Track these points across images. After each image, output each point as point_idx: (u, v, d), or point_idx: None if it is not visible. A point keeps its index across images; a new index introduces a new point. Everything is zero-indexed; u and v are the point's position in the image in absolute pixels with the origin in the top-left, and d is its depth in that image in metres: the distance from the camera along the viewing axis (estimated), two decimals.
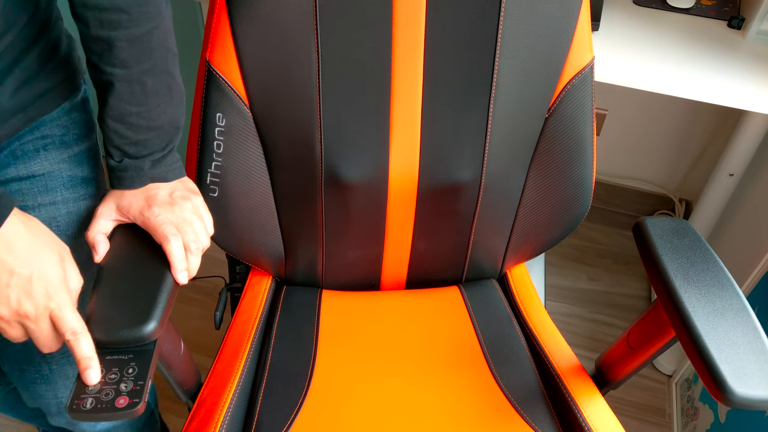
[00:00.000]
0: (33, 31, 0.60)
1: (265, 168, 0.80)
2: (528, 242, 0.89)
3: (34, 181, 0.65)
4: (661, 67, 0.96)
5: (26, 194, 0.65)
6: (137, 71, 0.59)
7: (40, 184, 0.66)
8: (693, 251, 0.65)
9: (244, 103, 0.74)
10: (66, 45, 0.66)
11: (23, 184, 0.65)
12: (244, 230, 0.83)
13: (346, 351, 0.82)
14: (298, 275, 0.91)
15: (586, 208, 0.84)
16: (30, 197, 0.66)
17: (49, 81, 0.63)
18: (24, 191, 0.65)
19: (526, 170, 0.82)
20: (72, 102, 0.67)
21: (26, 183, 0.65)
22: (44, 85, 0.63)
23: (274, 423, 0.72)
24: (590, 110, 0.78)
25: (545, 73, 0.76)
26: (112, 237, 0.63)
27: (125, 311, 0.56)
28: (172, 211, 0.62)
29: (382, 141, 0.78)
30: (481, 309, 0.89)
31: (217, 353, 0.81)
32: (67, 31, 0.68)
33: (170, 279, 0.60)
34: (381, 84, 0.75)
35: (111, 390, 0.52)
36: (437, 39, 0.73)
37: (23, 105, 0.61)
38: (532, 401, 0.75)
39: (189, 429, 0.69)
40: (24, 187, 0.65)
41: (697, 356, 0.56)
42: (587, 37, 0.75)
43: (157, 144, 0.64)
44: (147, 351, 0.55)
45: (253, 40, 0.71)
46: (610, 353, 0.76)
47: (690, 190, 1.66)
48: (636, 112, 1.55)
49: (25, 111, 0.62)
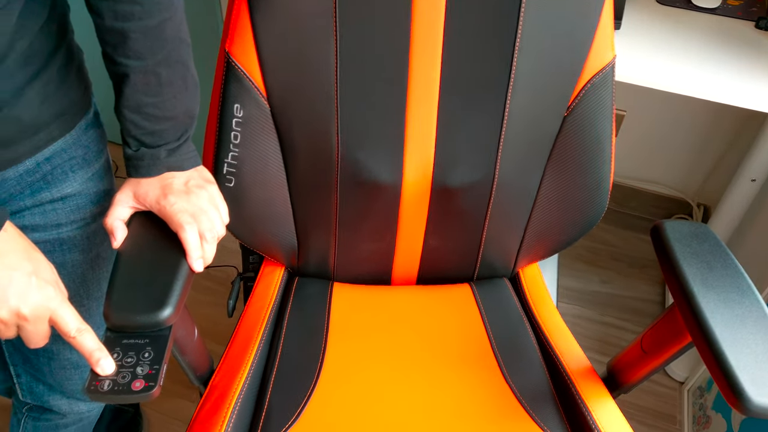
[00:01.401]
0: (51, 41, 0.61)
1: (280, 159, 0.80)
2: (542, 242, 0.88)
3: (66, 201, 0.68)
4: (684, 68, 0.95)
5: (60, 213, 0.68)
6: (151, 62, 0.60)
7: (72, 204, 0.69)
8: (713, 256, 0.64)
9: (262, 95, 0.74)
10: (79, 59, 0.68)
11: (57, 205, 0.68)
12: (259, 221, 0.83)
13: (356, 344, 0.82)
14: (310, 267, 0.91)
15: (603, 209, 0.83)
16: (63, 216, 0.68)
17: (68, 96, 0.65)
18: (58, 210, 0.68)
19: (543, 169, 0.81)
20: (87, 119, 0.69)
21: (60, 204, 0.68)
22: (64, 101, 0.64)
23: (284, 411, 0.72)
24: (610, 109, 0.77)
25: (565, 72, 0.75)
26: (130, 224, 0.64)
27: (142, 297, 0.57)
28: (187, 199, 0.63)
29: (398, 137, 0.77)
30: (492, 307, 0.88)
31: (229, 340, 0.81)
32: (78, 45, 0.69)
33: (186, 267, 0.60)
34: (398, 80, 0.74)
35: (128, 373, 0.53)
36: (456, 36, 0.72)
37: (47, 121, 0.63)
38: (542, 402, 0.75)
39: (201, 413, 0.70)
40: (58, 207, 0.68)
41: (714, 363, 0.55)
42: (609, 35, 0.74)
43: (173, 133, 0.64)
44: (163, 336, 0.56)
45: (272, 32, 0.71)
46: (622, 357, 0.75)
47: (709, 195, 1.64)
48: (655, 114, 1.53)
49: (48, 129, 0.63)
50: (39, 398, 0.83)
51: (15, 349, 0.79)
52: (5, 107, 0.58)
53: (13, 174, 0.63)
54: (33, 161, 0.63)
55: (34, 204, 0.66)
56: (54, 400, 0.83)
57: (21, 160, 0.62)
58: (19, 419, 0.89)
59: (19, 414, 0.89)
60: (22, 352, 0.79)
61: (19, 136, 0.61)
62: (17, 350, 0.79)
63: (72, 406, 0.85)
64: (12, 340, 0.78)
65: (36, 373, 0.81)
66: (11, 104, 0.58)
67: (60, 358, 0.78)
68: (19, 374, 0.82)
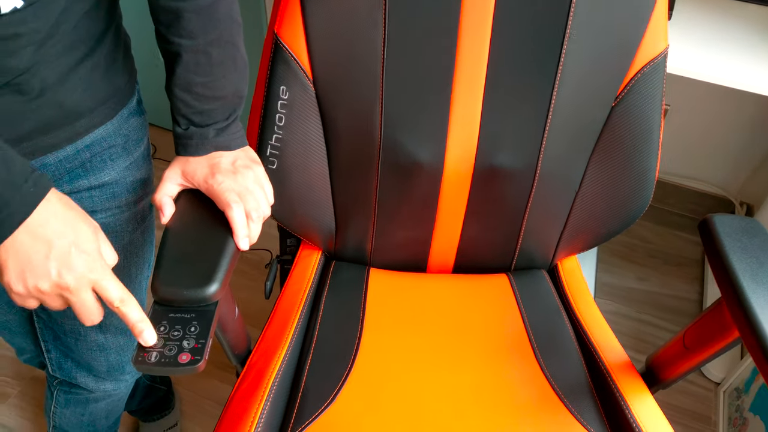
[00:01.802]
0: (98, 26, 0.61)
1: (323, 143, 0.80)
2: (582, 234, 0.87)
3: (103, 189, 0.69)
4: (732, 60, 0.93)
5: (96, 201, 0.69)
6: (203, 42, 0.60)
7: (109, 192, 0.69)
8: (763, 251, 0.62)
9: (308, 78, 0.75)
10: (126, 45, 0.68)
11: (94, 192, 0.68)
12: (299, 203, 0.84)
13: (391, 330, 0.82)
14: (347, 251, 0.92)
15: (647, 203, 0.82)
16: (99, 203, 0.69)
17: (113, 83, 0.65)
18: (94, 198, 0.68)
19: (587, 159, 0.80)
20: (129, 108, 0.69)
21: (97, 191, 0.68)
22: (108, 88, 0.64)
23: (320, 394, 0.73)
24: (660, 100, 0.75)
25: (615, 61, 0.73)
26: (177, 201, 0.65)
27: (190, 273, 0.58)
28: (234, 179, 0.63)
29: (442, 123, 0.77)
30: (529, 298, 0.88)
31: (266, 322, 0.83)
32: (125, 30, 0.69)
33: (232, 244, 0.61)
34: (444, 66, 0.74)
35: (174, 346, 0.54)
36: (505, 23, 0.71)
37: (89, 108, 0.62)
38: (579, 394, 0.74)
39: (239, 391, 0.71)
40: (95, 194, 0.68)
41: (764, 359, 0.54)
42: (663, 24, 0.72)
43: (222, 113, 0.65)
44: (209, 311, 0.57)
45: (321, 16, 0.71)
46: (663, 352, 0.74)
47: (753, 194, 1.59)
48: (698, 108, 1.49)
49: (90, 115, 0.63)
50: (67, 374, 0.85)
51: (46, 326, 0.80)
52: (48, 91, 0.58)
53: (53, 160, 0.63)
54: (73, 148, 0.63)
55: (71, 191, 0.66)
56: (81, 377, 0.85)
57: (61, 146, 0.62)
58: (52, 392, 0.92)
59: (52, 387, 0.92)
60: (52, 330, 0.80)
61: (60, 122, 0.61)
62: (48, 327, 0.81)
63: (98, 384, 0.87)
64: (43, 317, 0.79)
65: (65, 350, 0.82)
66: (54, 89, 0.58)
67: (87, 339, 0.80)
68: (49, 350, 0.83)
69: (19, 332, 0.88)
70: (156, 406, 1.21)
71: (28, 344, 0.90)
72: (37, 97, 0.57)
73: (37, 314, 0.80)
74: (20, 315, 0.85)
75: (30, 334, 0.88)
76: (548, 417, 0.72)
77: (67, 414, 0.92)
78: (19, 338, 0.89)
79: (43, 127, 0.59)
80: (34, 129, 0.59)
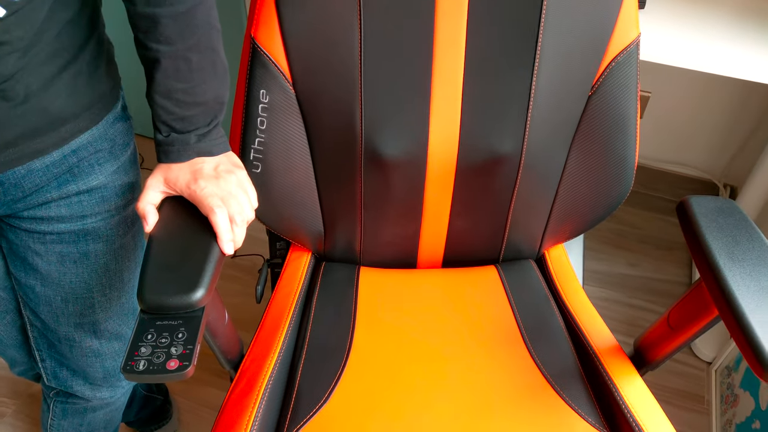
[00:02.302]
0: (81, 34, 0.62)
1: (306, 145, 0.81)
2: (567, 222, 0.88)
3: (92, 193, 0.70)
4: (710, 46, 0.94)
5: (85, 205, 0.70)
6: (182, 47, 0.61)
7: (98, 196, 0.70)
8: (738, 230, 0.63)
9: (287, 80, 0.76)
10: (109, 52, 0.69)
11: (83, 197, 0.69)
12: (285, 206, 0.84)
13: (383, 327, 0.83)
14: (336, 252, 0.93)
15: (628, 188, 0.83)
16: (89, 207, 0.70)
17: (97, 89, 0.66)
18: (84, 203, 0.70)
19: (568, 148, 0.81)
20: (114, 113, 0.70)
21: (86, 196, 0.70)
22: (92, 94, 0.65)
23: (314, 394, 0.74)
24: (635, 88, 0.77)
25: (589, 51, 0.75)
26: (161, 209, 0.66)
27: (175, 279, 0.58)
28: (217, 184, 0.64)
29: (422, 119, 0.78)
30: (518, 288, 0.89)
31: (258, 326, 0.83)
32: (108, 38, 0.70)
33: (217, 249, 0.62)
34: (422, 59, 0.75)
35: (162, 353, 0.55)
36: (480, 15, 0.72)
37: (74, 114, 0.64)
38: (570, 379, 0.76)
39: (232, 396, 0.72)
40: (84, 199, 0.70)
41: (741, 335, 0.55)
42: (633, 13, 0.73)
43: (203, 119, 0.65)
44: (196, 317, 0.58)
45: (297, 18, 0.72)
46: (649, 334, 0.75)
47: (735, 176, 1.61)
48: (680, 95, 1.51)
49: (75, 121, 0.64)
50: (63, 383, 0.85)
51: (40, 334, 0.81)
52: (33, 98, 0.59)
53: (40, 165, 0.64)
54: (59, 153, 0.65)
55: (60, 196, 0.68)
56: (77, 385, 0.85)
57: (47, 152, 0.64)
58: (49, 404, 0.92)
59: (48, 399, 0.92)
60: (47, 337, 0.81)
61: (45, 128, 0.62)
62: (42, 336, 0.81)
63: (95, 392, 0.87)
64: (37, 325, 0.80)
65: (60, 358, 0.83)
66: (39, 95, 0.59)
67: (82, 345, 0.80)
68: (44, 359, 0.84)
69: (10, 344, 0.88)
70: (153, 416, 1.21)
71: (20, 355, 0.91)
72: (21, 103, 0.58)
73: (31, 323, 0.81)
74: (11, 326, 0.85)
75: (23, 345, 0.89)
76: (540, 404, 0.73)
77: (65, 426, 0.93)
78: (12, 350, 0.89)
79: (29, 132, 0.61)
80: (20, 135, 0.60)
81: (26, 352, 0.90)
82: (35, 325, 0.80)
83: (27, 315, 0.80)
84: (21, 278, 0.75)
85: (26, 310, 0.80)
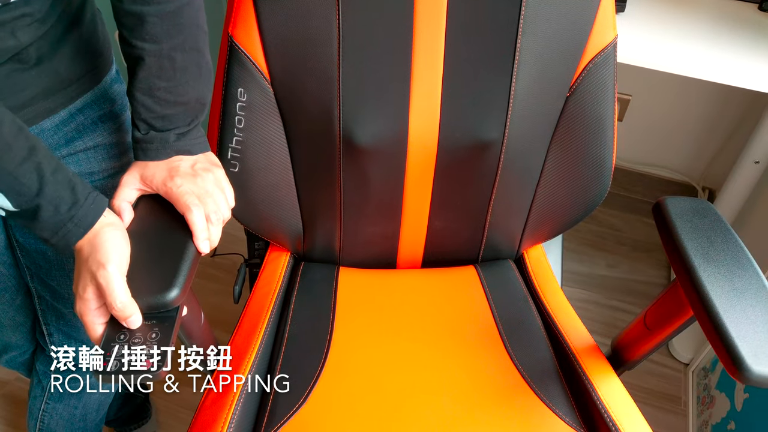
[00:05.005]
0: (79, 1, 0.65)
1: (285, 144, 0.80)
2: (546, 222, 0.89)
3: (98, 150, 0.73)
4: (688, 50, 0.95)
5: (93, 162, 0.73)
6: (167, 46, 0.61)
7: (104, 152, 0.73)
8: (713, 231, 0.64)
9: (266, 78, 0.75)
10: (100, 15, 0.72)
11: (90, 154, 0.72)
12: (264, 205, 0.84)
13: (362, 327, 0.83)
14: (315, 252, 0.92)
15: (606, 189, 0.84)
16: (96, 164, 0.73)
17: (95, 50, 0.69)
18: (91, 159, 0.72)
19: (547, 146, 0.81)
20: (111, 75, 0.73)
21: (92, 152, 0.72)
22: (93, 55, 0.68)
23: (292, 393, 0.73)
24: (612, 90, 0.77)
25: (567, 52, 0.75)
26: (136, 206, 0.65)
27: (149, 278, 0.57)
28: (194, 182, 0.63)
29: (402, 109, 0.77)
30: (497, 288, 0.89)
31: (236, 326, 0.82)
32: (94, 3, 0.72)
33: (192, 248, 0.61)
34: (401, 56, 0.75)
35: (134, 353, 0.54)
36: (459, 14, 0.72)
37: (79, 74, 0.67)
38: (547, 380, 0.76)
39: (209, 397, 0.71)
40: (91, 155, 0.72)
41: (715, 335, 0.55)
42: (610, 15, 0.74)
43: (183, 119, 0.65)
44: (170, 317, 0.57)
45: (275, 15, 0.71)
46: (626, 334, 0.76)
47: (714, 178, 1.63)
48: (660, 98, 1.53)
49: (80, 81, 0.68)
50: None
51: (49, 306, 0.81)
52: (46, 60, 0.63)
53: (50, 124, 0.67)
54: (67, 112, 0.68)
55: (69, 153, 0.70)
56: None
57: (57, 111, 0.67)
58: (44, 386, 0.91)
59: (44, 380, 0.91)
60: (56, 309, 0.81)
61: (56, 87, 0.66)
62: (51, 308, 0.81)
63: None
64: (46, 298, 0.81)
65: (68, 330, 0.83)
66: (49, 57, 0.63)
67: None
68: (51, 333, 0.84)
69: (8, 324, 0.87)
70: (133, 415, 1.21)
71: (17, 337, 0.90)
72: (35, 65, 0.63)
73: (39, 295, 0.81)
74: (9, 305, 0.84)
75: (21, 326, 0.88)
76: (518, 404, 0.73)
77: (60, 409, 0.92)
78: (8, 331, 0.88)
79: (41, 93, 0.65)
80: (34, 96, 0.64)
81: (24, 332, 0.89)
82: (44, 297, 0.81)
83: (35, 287, 0.81)
84: (30, 245, 0.75)
85: (34, 282, 0.80)
